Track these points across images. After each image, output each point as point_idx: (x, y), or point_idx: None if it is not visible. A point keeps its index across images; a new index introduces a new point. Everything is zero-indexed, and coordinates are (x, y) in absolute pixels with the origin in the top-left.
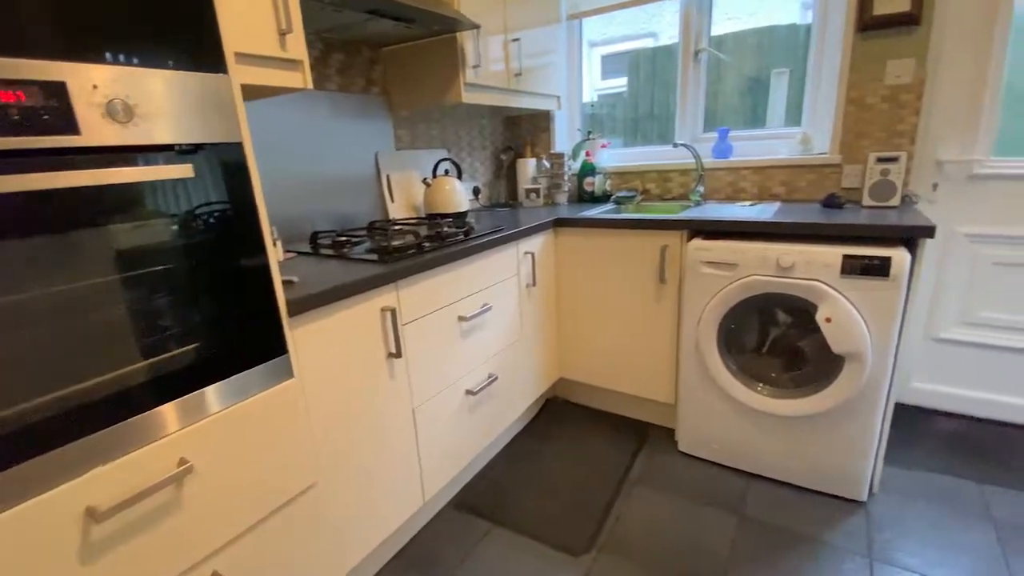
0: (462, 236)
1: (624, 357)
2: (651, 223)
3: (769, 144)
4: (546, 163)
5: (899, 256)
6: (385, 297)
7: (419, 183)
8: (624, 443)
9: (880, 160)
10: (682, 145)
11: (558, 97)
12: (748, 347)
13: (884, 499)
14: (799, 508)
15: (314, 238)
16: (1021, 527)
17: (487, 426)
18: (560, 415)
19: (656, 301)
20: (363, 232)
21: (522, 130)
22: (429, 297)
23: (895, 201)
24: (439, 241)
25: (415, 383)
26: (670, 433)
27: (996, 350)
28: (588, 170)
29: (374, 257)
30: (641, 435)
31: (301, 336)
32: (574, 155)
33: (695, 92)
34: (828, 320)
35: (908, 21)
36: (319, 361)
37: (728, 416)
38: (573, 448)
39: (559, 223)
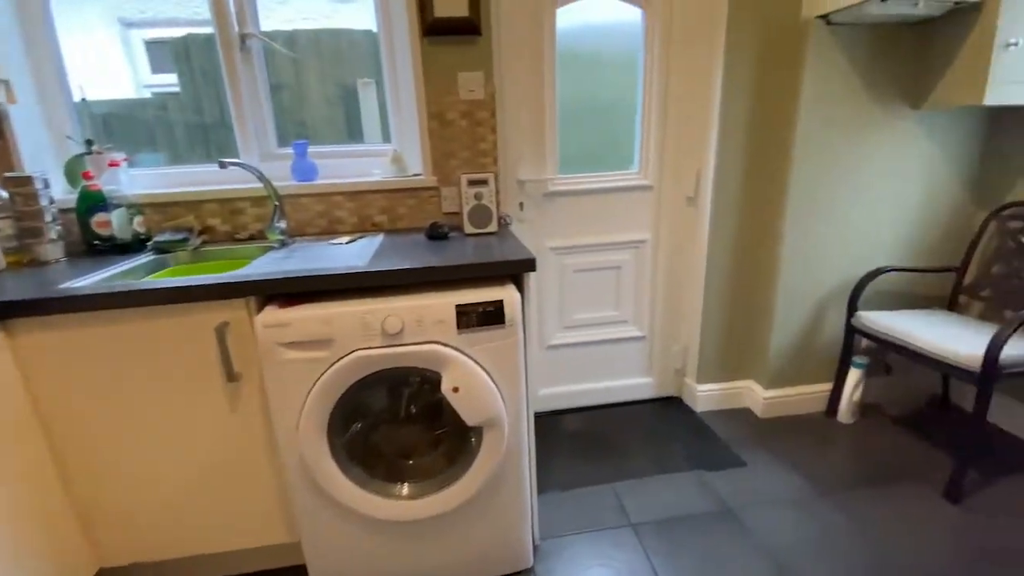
0: None
1: (203, 502)
2: (195, 292)
3: (364, 163)
4: (3, 193)
5: (509, 297)
6: None
7: None
8: None
9: (472, 183)
10: (234, 164)
11: (6, 82)
12: (381, 425)
13: (548, 551)
14: None
15: None
16: (654, 523)
17: None
18: None
19: (231, 409)
20: None
21: None
22: None
23: (493, 227)
24: None
25: None
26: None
27: (591, 345)
28: (96, 202)
29: None
30: None
31: None
32: (68, 178)
33: (252, 94)
34: (456, 391)
35: (469, 29)
36: None
37: (369, 536)
38: None
39: (10, 311)
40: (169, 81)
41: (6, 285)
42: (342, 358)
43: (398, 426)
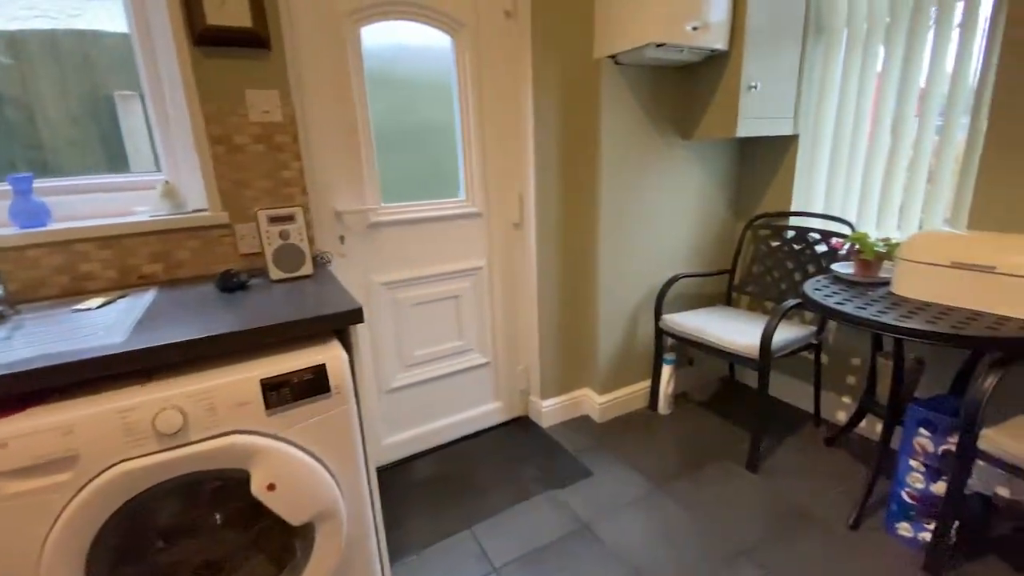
0: None
1: None
2: None
3: (126, 198)
4: None
5: (334, 358)
6: None
7: None
8: None
9: (274, 220)
10: None
11: None
12: (174, 560)
13: None
14: None
15: None
16: (518, 560)
17: None
18: None
19: None
20: None
21: None
22: None
23: (307, 269)
24: None
25: None
26: None
27: (435, 380)
28: None
29: None
30: None
31: None
32: None
33: None
34: (271, 488)
35: (255, 42)
36: None
37: None
38: None
39: None
40: None
41: None
42: (95, 478)
43: (200, 541)
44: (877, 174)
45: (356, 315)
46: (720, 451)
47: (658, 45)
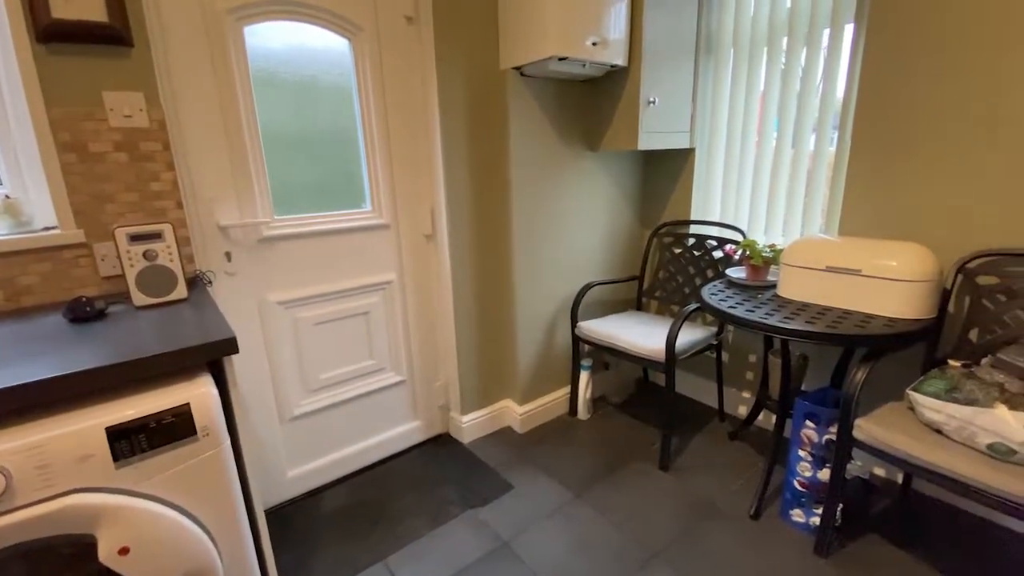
0: None
1: None
2: None
3: None
4: None
5: (201, 396)
6: None
7: None
8: None
9: (135, 239)
10: None
11: None
12: None
13: None
14: None
15: None
16: None
17: None
18: None
19: None
20: None
21: None
22: None
23: (180, 292)
24: None
25: None
26: None
27: (345, 404)
28: None
29: None
30: None
31: None
32: None
33: None
34: (123, 552)
35: (113, 39)
36: None
37: None
38: None
39: None
40: None
41: None
42: None
43: None
44: (764, 184)
45: (229, 345)
46: (635, 453)
47: (560, 59)
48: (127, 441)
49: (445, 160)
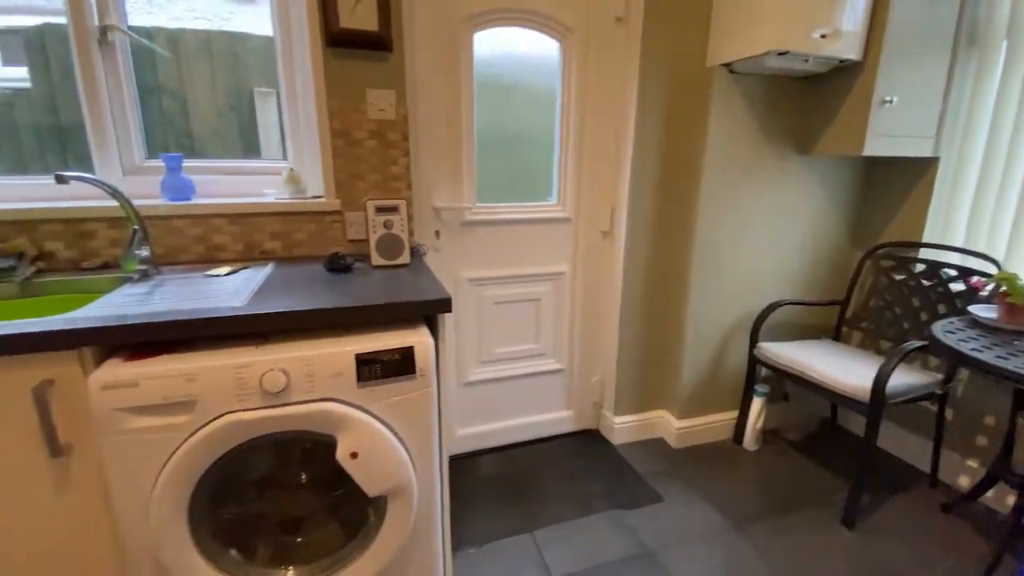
0: None
1: None
2: (9, 342)
3: (255, 181)
4: None
5: (422, 343)
6: None
7: None
8: None
9: (380, 210)
10: (75, 178)
11: None
12: (260, 514)
13: None
14: None
15: None
16: (569, 572)
17: None
18: None
19: (57, 490)
20: None
21: None
22: None
23: (404, 258)
24: None
25: None
26: None
27: (511, 380)
28: None
29: None
30: None
31: None
32: None
33: (115, 97)
34: (354, 456)
35: (379, 45)
36: None
37: None
38: None
39: None
40: (19, 75)
41: None
42: (208, 424)
43: (284, 497)
44: None
45: (445, 304)
46: (811, 498)
47: (780, 53)
48: (367, 367)
49: (634, 159)
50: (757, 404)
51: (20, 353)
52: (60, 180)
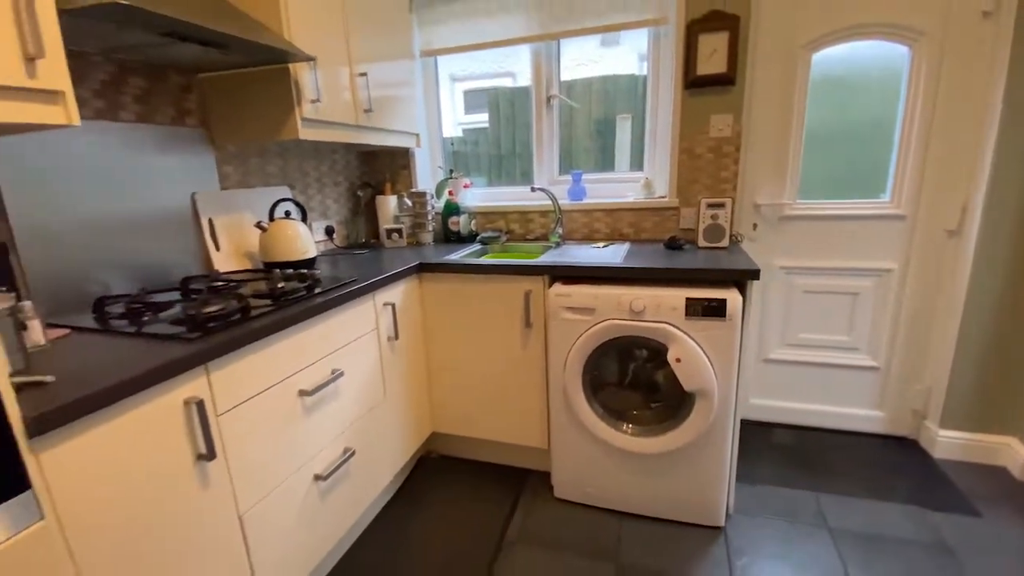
0: (304, 292)
1: (496, 405)
2: (515, 268)
3: (617, 187)
4: (408, 201)
5: (732, 298)
6: (190, 385)
7: (252, 227)
8: (501, 496)
9: (710, 206)
10: (539, 190)
11: (417, 135)
12: (611, 385)
13: (739, 521)
14: (668, 544)
15: (100, 305)
16: (853, 533)
17: (345, 509)
18: (434, 473)
19: (523, 347)
20: (175, 292)
21: (380, 165)
22: (256, 374)
23: (725, 243)
24: (275, 300)
25: (240, 486)
26: (546, 478)
27: (813, 366)
28: (452, 209)
29: (180, 330)
30: (518, 484)
31: (55, 459)
32: (437, 193)
33: (549, 136)
34: (678, 360)
35: (725, 81)
36: (88, 488)
37: (598, 458)
38: (449, 509)
39: (423, 268)
40: (475, 120)
41: (410, 256)
42: (600, 323)
43: (627, 384)
44: None
45: (753, 273)
46: None
47: None
48: (693, 307)
49: (996, 150)
50: None
51: (518, 275)
52: (533, 191)
